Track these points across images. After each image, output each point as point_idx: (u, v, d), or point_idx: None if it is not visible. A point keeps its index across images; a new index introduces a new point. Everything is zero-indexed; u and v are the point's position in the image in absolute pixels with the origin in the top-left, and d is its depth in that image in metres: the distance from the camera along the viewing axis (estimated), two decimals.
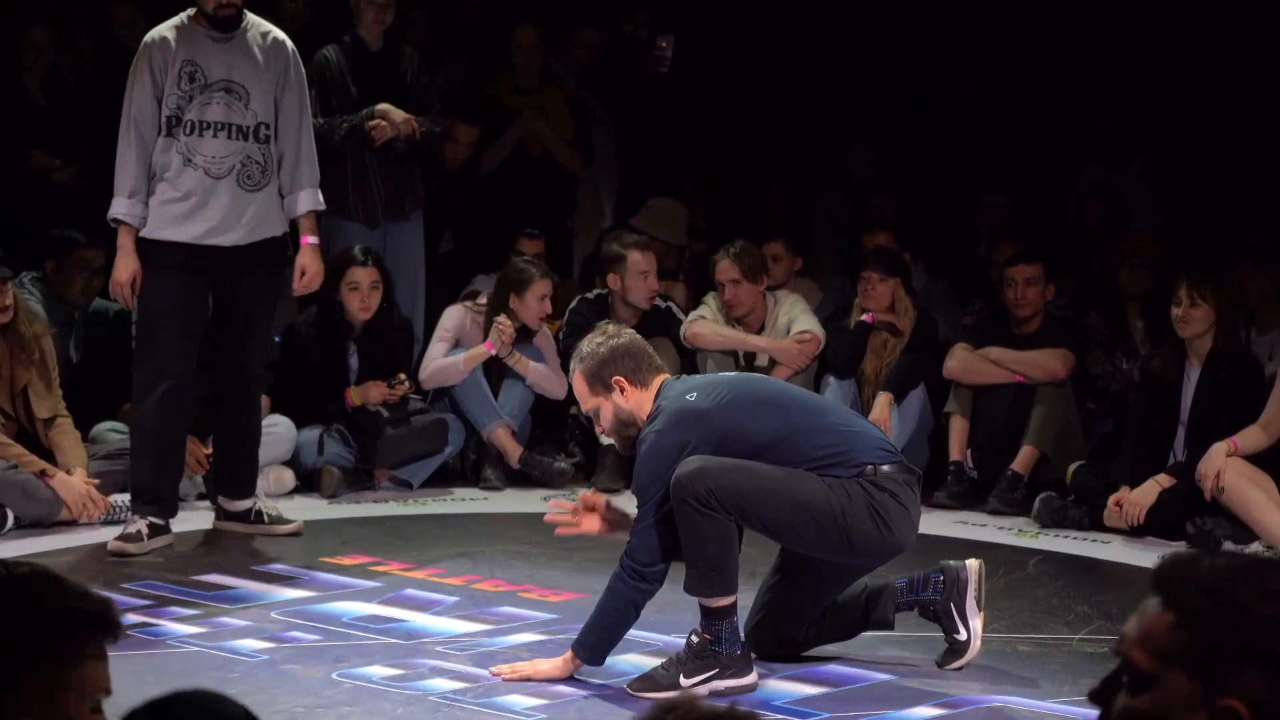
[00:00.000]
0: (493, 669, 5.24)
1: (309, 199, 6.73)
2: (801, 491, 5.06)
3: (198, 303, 6.70)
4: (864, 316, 8.30)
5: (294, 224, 6.82)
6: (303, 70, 6.79)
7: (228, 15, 6.55)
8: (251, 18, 6.68)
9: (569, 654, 5.17)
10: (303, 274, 6.81)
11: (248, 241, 6.63)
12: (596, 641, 5.15)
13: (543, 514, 5.78)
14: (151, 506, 6.72)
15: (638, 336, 5.43)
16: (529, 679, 5.16)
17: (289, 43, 6.74)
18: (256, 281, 6.73)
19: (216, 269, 6.64)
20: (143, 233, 6.59)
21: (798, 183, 10.12)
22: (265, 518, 7.04)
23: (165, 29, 6.59)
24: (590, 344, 5.34)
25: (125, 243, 6.59)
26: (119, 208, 6.57)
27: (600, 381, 5.27)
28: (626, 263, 8.40)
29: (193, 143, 6.53)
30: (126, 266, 6.59)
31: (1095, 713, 2.15)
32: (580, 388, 5.35)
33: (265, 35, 6.67)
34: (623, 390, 5.26)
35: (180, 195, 6.55)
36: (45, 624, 2.38)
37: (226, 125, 6.55)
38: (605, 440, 7.68)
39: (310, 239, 6.78)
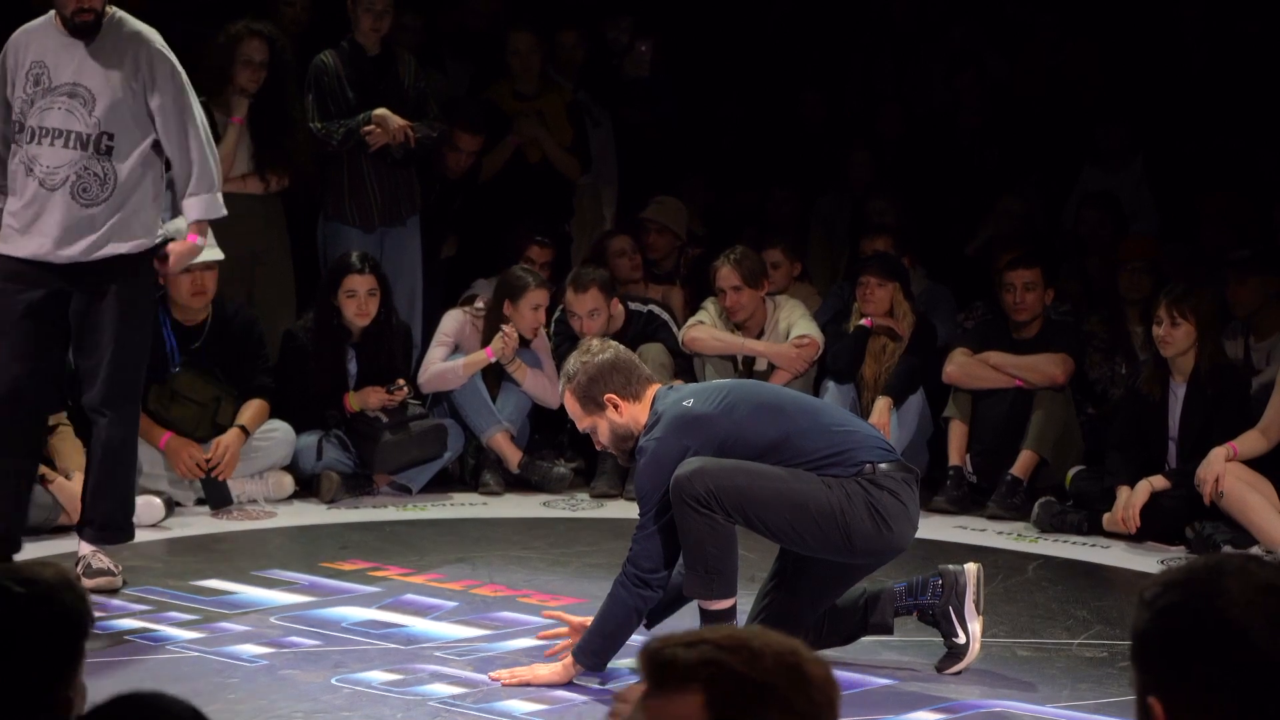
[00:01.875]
0: (492, 674, 5.24)
1: (198, 206, 6.01)
2: (801, 491, 5.06)
3: (44, 321, 5.99)
4: (863, 321, 8.29)
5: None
6: (173, 69, 5.96)
7: (85, 21, 5.88)
8: (120, 18, 5.97)
9: (569, 659, 5.17)
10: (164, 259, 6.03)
11: (89, 259, 5.93)
12: (598, 648, 5.15)
13: (542, 519, 5.78)
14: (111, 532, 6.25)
15: (623, 349, 5.42)
16: (528, 684, 5.16)
17: (154, 42, 5.96)
18: (102, 304, 5.96)
19: (59, 286, 5.97)
20: None
21: (798, 185, 10.10)
22: (89, 569, 6.11)
23: (28, 27, 6.03)
24: (576, 362, 5.32)
25: None
26: None
27: (592, 400, 5.27)
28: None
29: (32, 151, 5.91)
30: None
31: (1092, 717, 2.18)
32: (573, 408, 5.34)
33: (127, 37, 5.94)
34: (616, 406, 5.25)
35: (20, 206, 5.95)
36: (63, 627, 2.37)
37: (64, 133, 5.89)
38: None
39: (196, 239, 6.06)
